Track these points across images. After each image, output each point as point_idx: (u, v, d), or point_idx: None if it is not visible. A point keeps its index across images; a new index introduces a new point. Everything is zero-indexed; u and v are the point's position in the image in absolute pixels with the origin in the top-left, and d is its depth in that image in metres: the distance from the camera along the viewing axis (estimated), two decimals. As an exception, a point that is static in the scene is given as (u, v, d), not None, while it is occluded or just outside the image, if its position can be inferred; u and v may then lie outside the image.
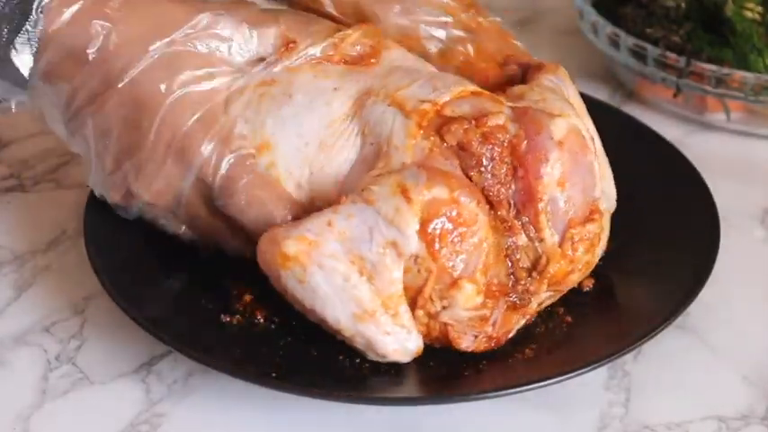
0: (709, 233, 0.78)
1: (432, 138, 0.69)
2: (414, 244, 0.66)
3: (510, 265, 0.70)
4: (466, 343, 0.69)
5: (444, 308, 0.68)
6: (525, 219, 0.70)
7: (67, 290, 0.79)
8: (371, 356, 0.69)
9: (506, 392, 0.67)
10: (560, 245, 0.70)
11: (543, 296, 0.72)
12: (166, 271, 0.77)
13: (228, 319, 0.74)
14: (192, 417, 0.70)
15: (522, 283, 0.70)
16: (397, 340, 0.68)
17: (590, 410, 0.71)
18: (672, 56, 0.95)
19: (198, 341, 0.70)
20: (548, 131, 0.69)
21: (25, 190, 0.90)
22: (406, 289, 0.67)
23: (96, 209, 0.79)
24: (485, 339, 0.70)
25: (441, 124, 0.69)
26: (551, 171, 0.69)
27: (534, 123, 0.69)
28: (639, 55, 0.97)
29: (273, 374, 0.68)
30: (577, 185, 0.70)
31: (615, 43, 0.99)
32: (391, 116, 0.70)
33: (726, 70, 0.93)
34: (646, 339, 0.70)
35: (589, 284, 0.77)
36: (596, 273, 0.77)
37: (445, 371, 0.70)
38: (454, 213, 0.67)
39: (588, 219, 0.71)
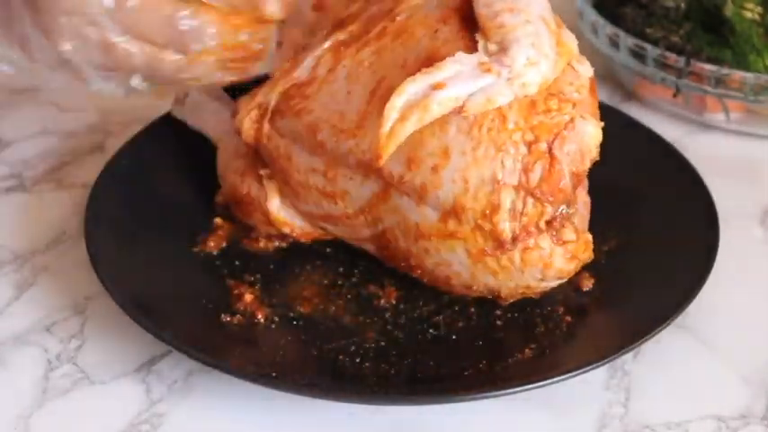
0: (709, 233, 0.78)
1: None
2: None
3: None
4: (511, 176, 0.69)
5: (562, 140, 0.69)
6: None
7: (68, 290, 0.79)
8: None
9: (506, 392, 0.67)
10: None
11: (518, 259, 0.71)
12: (166, 271, 0.77)
13: (228, 319, 0.74)
14: (192, 417, 0.70)
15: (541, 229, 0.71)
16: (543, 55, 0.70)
17: (590, 410, 0.71)
18: (671, 56, 0.95)
19: (198, 341, 0.70)
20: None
21: (26, 190, 0.90)
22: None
23: (97, 209, 0.79)
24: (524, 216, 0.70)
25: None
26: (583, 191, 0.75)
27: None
28: (639, 55, 0.97)
29: (273, 374, 0.68)
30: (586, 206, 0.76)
31: (615, 43, 0.99)
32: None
33: (725, 70, 0.93)
34: (646, 339, 0.70)
35: (589, 284, 0.77)
36: (596, 273, 0.77)
37: (446, 371, 0.70)
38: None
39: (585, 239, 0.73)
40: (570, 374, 0.68)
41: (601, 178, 0.80)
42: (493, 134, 0.68)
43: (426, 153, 0.69)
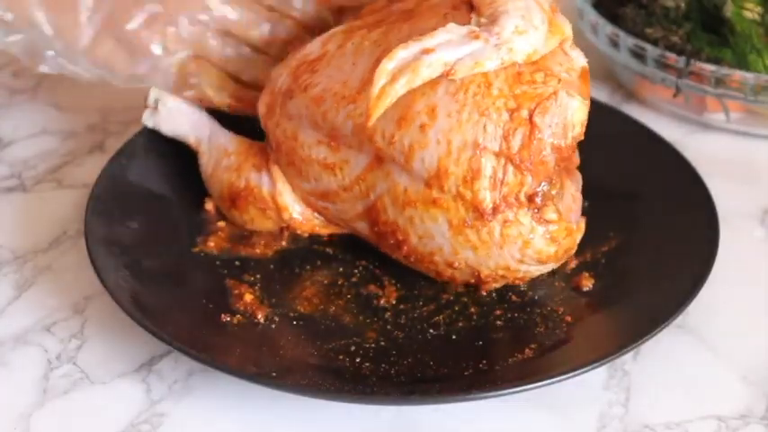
0: (709, 233, 0.78)
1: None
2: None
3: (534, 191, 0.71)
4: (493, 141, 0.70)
5: (539, 113, 0.70)
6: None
7: (68, 290, 0.79)
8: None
9: (506, 392, 0.67)
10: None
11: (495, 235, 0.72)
12: (167, 271, 0.77)
13: (228, 319, 0.74)
14: (192, 416, 0.70)
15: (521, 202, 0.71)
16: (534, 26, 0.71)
17: (590, 410, 0.71)
18: (672, 56, 0.95)
19: (198, 341, 0.70)
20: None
21: (26, 190, 0.90)
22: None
23: (97, 209, 0.79)
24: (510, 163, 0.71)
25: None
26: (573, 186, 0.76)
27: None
28: (639, 55, 0.97)
29: (273, 374, 0.68)
30: (576, 201, 0.76)
31: (615, 43, 0.99)
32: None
33: (725, 70, 0.93)
34: (645, 339, 0.70)
35: (589, 284, 0.77)
36: (596, 273, 0.77)
37: (445, 371, 0.70)
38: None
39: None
40: (570, 374, 0.68)
41: (601, 178, 0.81)
42: (477, 99, 0.70)
43: (415, 111, 0.71)
